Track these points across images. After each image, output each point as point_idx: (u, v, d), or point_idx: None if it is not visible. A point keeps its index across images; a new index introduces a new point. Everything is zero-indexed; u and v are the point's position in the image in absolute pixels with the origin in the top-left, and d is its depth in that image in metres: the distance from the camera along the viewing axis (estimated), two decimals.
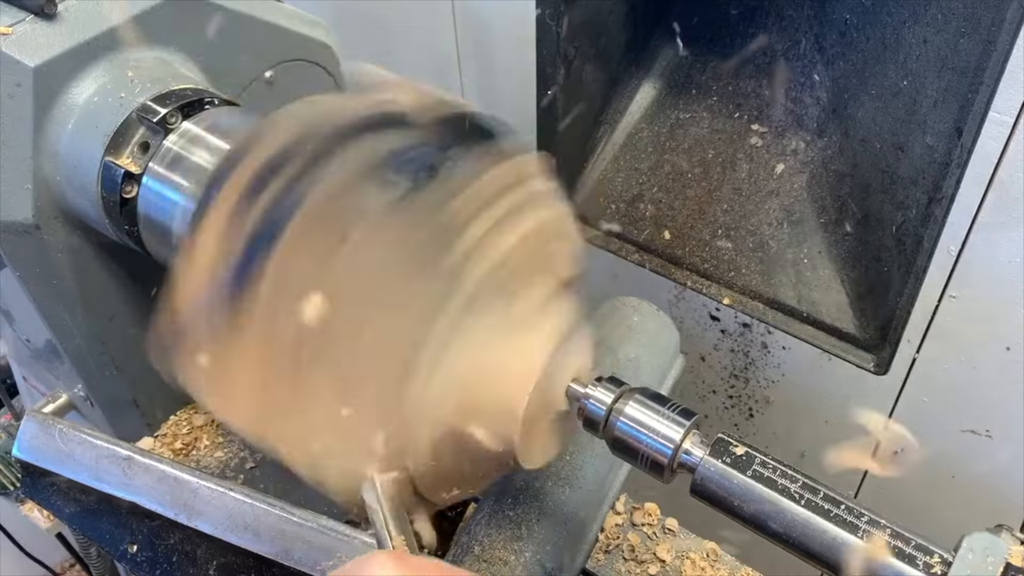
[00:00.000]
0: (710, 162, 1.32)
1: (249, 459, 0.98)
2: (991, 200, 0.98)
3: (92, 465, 0.74)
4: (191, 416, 1.03)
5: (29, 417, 0.76)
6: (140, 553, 0.74)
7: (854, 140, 1.20)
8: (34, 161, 0.80)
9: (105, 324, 0.91)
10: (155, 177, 0.79)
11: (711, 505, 0.66)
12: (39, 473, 0.76)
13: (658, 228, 1.33)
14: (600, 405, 0.69)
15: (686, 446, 0.66)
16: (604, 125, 1.39)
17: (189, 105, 0.80)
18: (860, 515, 0.62)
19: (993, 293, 1.04)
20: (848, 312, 1.20)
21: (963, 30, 0.97)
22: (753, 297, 1.25)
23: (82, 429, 0.75)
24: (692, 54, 1.35)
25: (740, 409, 1.45)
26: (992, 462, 1.19)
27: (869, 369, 1.18)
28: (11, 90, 0.78)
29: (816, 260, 1.23)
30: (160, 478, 0.72)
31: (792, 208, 1.26)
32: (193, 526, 0.71)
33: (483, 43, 1.38)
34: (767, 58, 1.28)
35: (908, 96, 1.09)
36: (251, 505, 0.69)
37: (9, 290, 0.89)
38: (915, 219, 1.09)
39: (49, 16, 0.80)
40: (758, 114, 1.30)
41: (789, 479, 0.64)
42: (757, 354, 1.35)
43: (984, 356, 1.11)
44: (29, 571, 1.74)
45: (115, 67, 0.82)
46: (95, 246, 0.87)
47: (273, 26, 0.93)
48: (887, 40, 1.12)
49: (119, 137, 0.79)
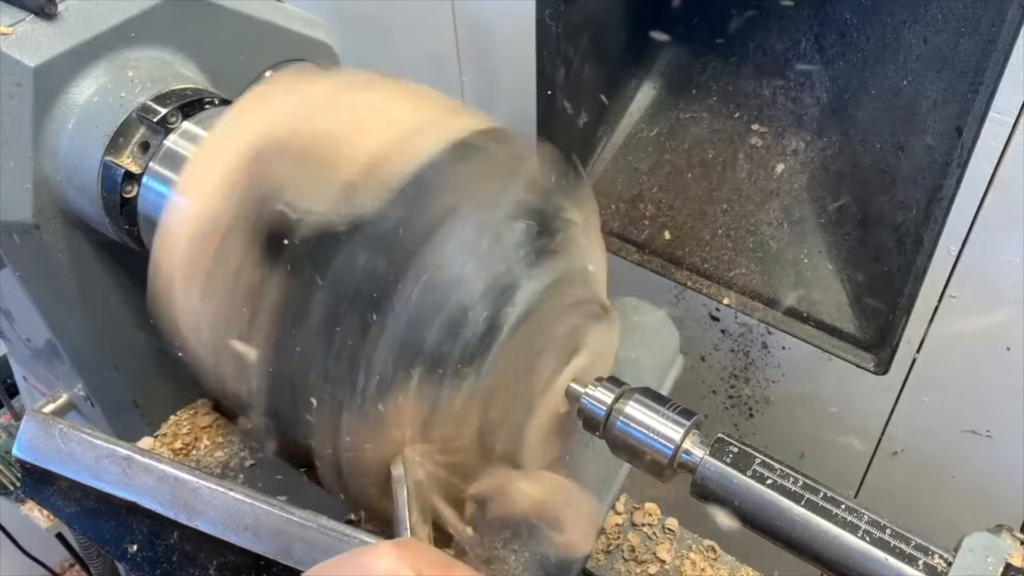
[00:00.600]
0: (710, 162, 1.32)
1: (248, 457, 0.98)
2: (991, 200, 0.98)
3: (92, 465, 0.73)
4: (191, 416, 1.03)
5: (29, 417, 0.76)
6: (140, 553, 0.74)
7: (854, 140, 1.20)
8: (34, 161, 0.80)
9: (105, 324, 0.91)
10: (155, 177, 0.79)
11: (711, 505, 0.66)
12: (39, 473, 0.76)
13: (658, 228, 1.33)
14: (600, 405, 0.69)
15: (686, 446, 0.66)
16: (604, 125, 1.39)
17: (189, 105, 0.80)
18: (860, 515, 0.62)
19: (993, 293, 1.04)
20: (848, 312, 1.20)
21: (963, 30, 0.97)
22: (753, 297, 1.25)
23: (82, 429, 0.75)
24: (692, 54, 1.35)
25: (740, 409, 1.45)
26: (992, 462, 1.19)
27: (869, 369, 1.18)
28: (11, 90, 0.78)
29: (816, 260, 1.23)
30: (160, 478, 0.72)
31: (792, 208, 1.26)
32: (193, 526, 0.71)
33: (483, 43, 1.38)
34: (767, 58, 1.28)
35: (908, 96, 1.09)
36: (251, 505, 0.69)
37: (9, 290, 0.89)
38: (915, 219, 1.09)
39: (49, 16, 0.80)
40: (758, 114, 1.30)
41: (789, 479, 0.64)
42: (757, 354, 1.35)
43: (984, 356, 1.11)
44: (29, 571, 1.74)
45: (115, 67, 0.82)
46: (95, 246, 0.87)
47: (273, 26, 0.93)
48: (887, 40, 1.12)
49: (119, 137, 0.79)
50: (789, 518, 0.62)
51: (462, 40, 1.40)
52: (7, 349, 1.14)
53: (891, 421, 1.26)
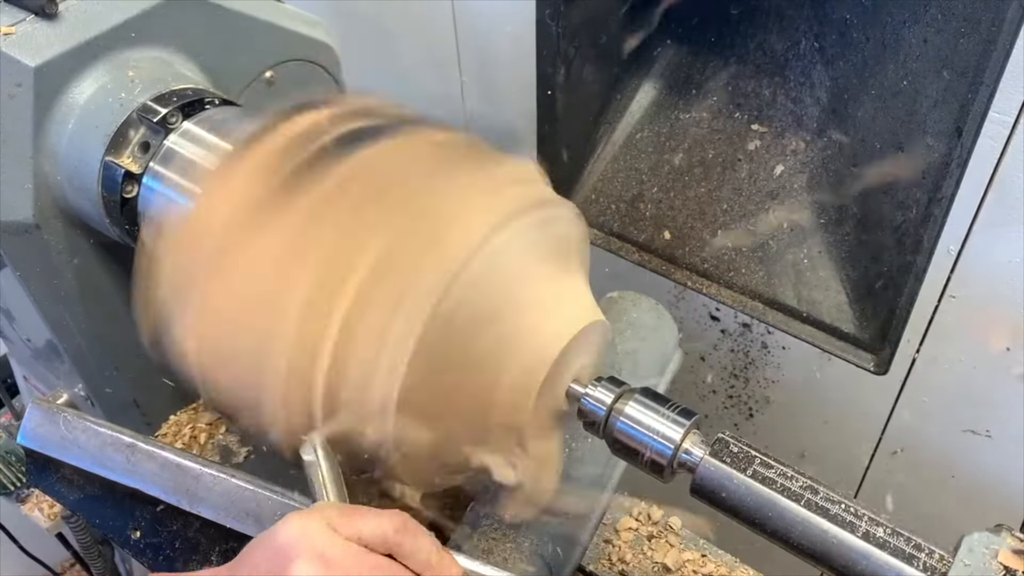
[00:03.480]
0: (710, 162, 1.32)
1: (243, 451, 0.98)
2: (991, 200, 0.98)
3: (96, 452, 0.74)
4: (191, 416, 1.03)
5: (34, 405, 0.76)
6: (143, 539, 0.75)
7: (854, 140, 1.20)
8: (34, 161, 0.80)
9: (105, 324, 0.91)
10: (156, 177, 0.79)
11: (711, 505, 0.66)
12: (43, 460, 0.76)
13: (658, 228, 1.33)
14: (600, 405, 0.69)
15: (686, 446, 0.66)
16: (604, 125, 1.39)
17: (189, 105, 0.80)
18: (860, 515, 0.62)
19: (993, 293, 1.04)
20: (848, 312, 1.20)
21: (963, 30, 0.97)
22: (753, 297, 1.25)
23: (86, 417, 0.75)
24: (692, 54, 1.35)
25: (740, 409, 1.45)
26: (992, 462, 1.19)
27: (869, 369, 1.18)
28: (12, 90, 0.78)
29: (816, 260, 1.23)
30: (163, 465, 0.72)
31: (792, 208, 1.26)
32: (195, 512, 0.71)
33: (483, 43, 1.38)
34: (767, 58, 1.28)
35: (908, 96, 1.09)
36: (253, 491, 0.70)
37: (9, 290, 0.89)
38: (915, 219, 1.08)
39: (50, 16, 0.80)
40: (758, 114, 1.30)
41: (789, 479, 0.64)
42: (757, 354, 1.35)
43: (984, 356, 1.11)
44: (29, 571, 1.74)
45: (115, 67, 0.82)
46: (95, 246, 0.87)
47: (273, 26, 0.93)
48: (887, 40, 1.12)
49: (119, 137, 0.79)
50: (789, 518, 0.62)
51: (462, 40, 1.40)
52: (7, 349, 1.14)
53: (891, 421, 1.26)
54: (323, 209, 0.63)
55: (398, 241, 0.62)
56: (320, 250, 0.62)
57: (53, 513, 1.19)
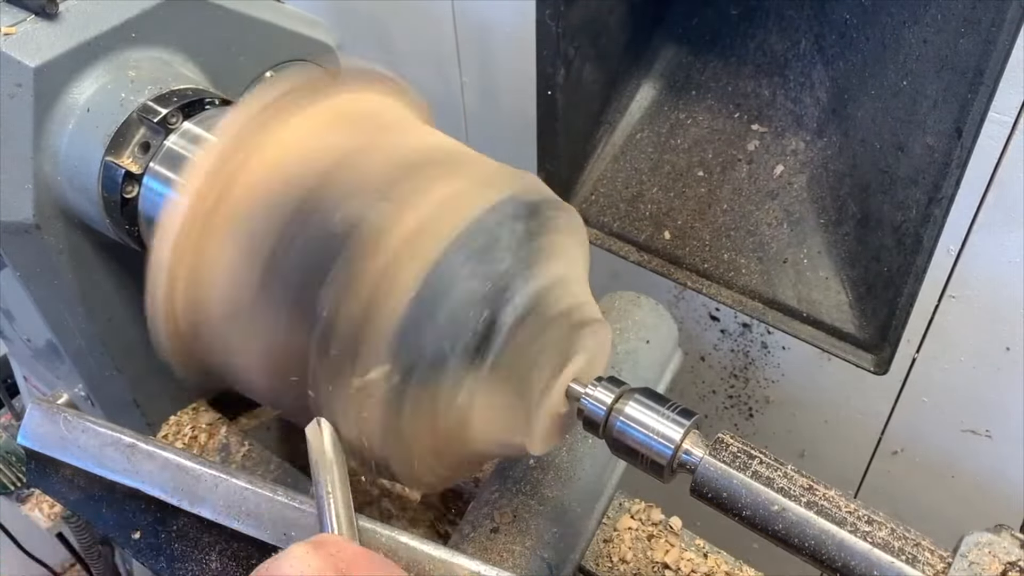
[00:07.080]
0: (710, 162, 1.32)
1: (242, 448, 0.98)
2: (991, 200, 0.98)
3: (96, 452, 0.74)
4: (191, 416, 1.03)
5: (34, 405, 0.76)
6: (143, 539, 0.75)
7: (854, 140, 1.20)
8: (34, 161, 0.80)
9: (105, 324, 0.91)
10: (156, 177, 0.79)
11: (711, 505, 0.66)
12: (43, 460, 0.76)
13: (658, 228, 1.33)
14: (600, 405, 0.69)
15: (686, 446, 0.66)
16: (604, 125, 1.39)
17: (190, 105, 0.80)
18: (860, 515, 0.62)
19: (993, 293, 1.04)
20: (848, 312, 1.20)
21: (963, 30, 0.97)
22: (753, 297, 1.25)
23: (86, 417, 0.75)
24: (692, 54, 1.35)
25: (740, 409, 1.45)
26: (992, 462, 1.19)
27: (869, 369, 1.18)
28: (12, 90, 0.78)
29: (816, 260, 1.23)
30: (163, 465, 0.72)
31: (792, 208, 1.26)
32: (196, 512, 0.71)
33: (483, 43, 1.39)
34: (767, 58, 1.28)
35: (908, 96, 1.09)
36: (253, 492, 0.70)
37: (9, 290, 0.89)
38: (915, 219, 1.09)
39: (50, 16, 0.80)
40: (758, 114, 1.30)
41: (789, 479, 0.64)
42: (757, 354, 1.36)
43: (984, 356, 1.11)
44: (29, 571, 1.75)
45: (115, 67, 0.82)
46: (95, 246, 0.87)
47: (273, 26, 0.93)
48: (887, 40, 1.12)
49: (120, 137, 0.79)
50: (789, 518, 0.62)
51: (462, 40, 1.40)
52: (7, 349, 1.14)
53: (891, 421, 1.26)
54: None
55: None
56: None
57: (53, 513, 1.19)
